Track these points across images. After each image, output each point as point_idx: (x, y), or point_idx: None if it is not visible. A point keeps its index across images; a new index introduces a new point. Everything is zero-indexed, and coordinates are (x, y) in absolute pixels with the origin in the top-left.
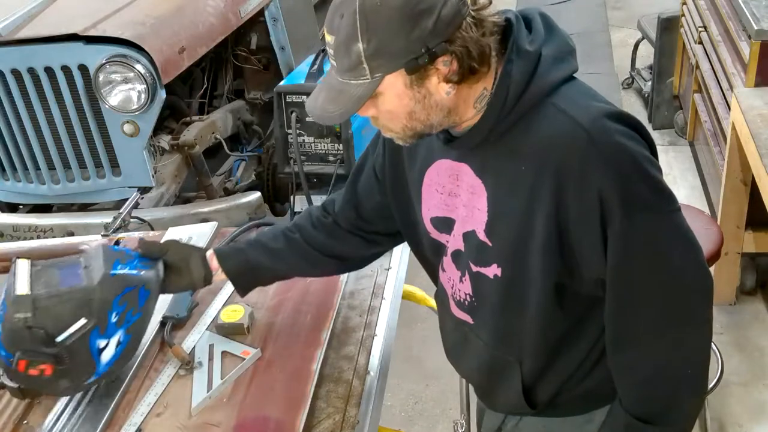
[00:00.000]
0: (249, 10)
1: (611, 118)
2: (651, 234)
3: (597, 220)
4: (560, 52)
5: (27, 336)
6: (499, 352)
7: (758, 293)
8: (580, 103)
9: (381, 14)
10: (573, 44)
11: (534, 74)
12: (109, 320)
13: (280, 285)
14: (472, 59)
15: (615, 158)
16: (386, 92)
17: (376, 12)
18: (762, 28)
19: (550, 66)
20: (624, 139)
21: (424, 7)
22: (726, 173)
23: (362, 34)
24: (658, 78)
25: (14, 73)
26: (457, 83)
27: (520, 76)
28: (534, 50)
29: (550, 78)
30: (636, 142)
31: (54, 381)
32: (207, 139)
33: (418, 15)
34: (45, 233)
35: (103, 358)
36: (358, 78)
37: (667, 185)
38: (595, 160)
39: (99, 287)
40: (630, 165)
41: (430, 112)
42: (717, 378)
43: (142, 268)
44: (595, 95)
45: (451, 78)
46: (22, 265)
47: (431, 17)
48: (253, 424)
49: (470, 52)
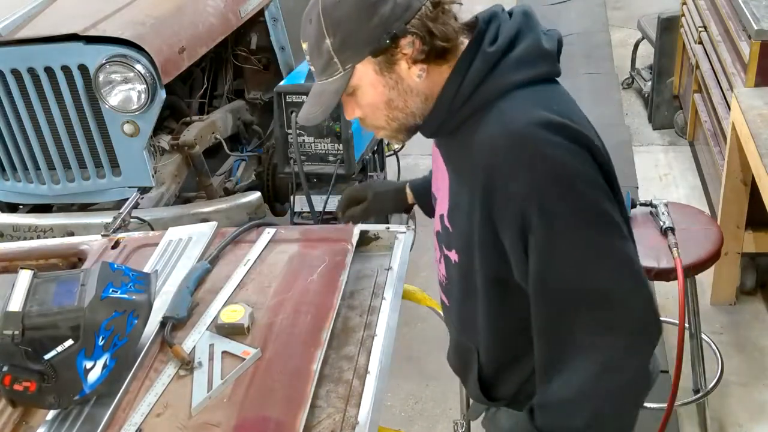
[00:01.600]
0: (249, 10)
1: (548, 128)
2: (569, 251)
3: (519, 226)
4: (528, 55)
5: (14, 352)
6: (462, 338)
7: (758, 293)
8: (523, 109)
9: (341, 8)
10: (550, 47)
11: (489, 74)
12: (96, 343)
13: (280, 285)
14: (435, 38)
15: (538, 168)
16: (361, 84)
17: (336, 7)
18: (762, 28)
19: (511, 69)
20: (555, 150)
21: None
22: (726, 173)
23: (327, 30)
24: (658, 78)
25: (14, 73)
26: (424, 63)
27: (474, 74)
28: (494, 51)
29: (505, 80)
30: (572, 156)
31: (39, 397)
32: (207, 139)
33: (375, 3)
34: (45, 233)
35: (90, 378)
36: (333, 74)
37: (603, 206)
38: (518, 168)
39: (87, 310)
40: (552, 177)
41: (407, 99)
42: (717, 378)
43: (134, 291)
44: (548, 104)
45: (417, 57)
46: (23, 278)
47: (388, 3)
48: (253, 424)
49: (432, 31)
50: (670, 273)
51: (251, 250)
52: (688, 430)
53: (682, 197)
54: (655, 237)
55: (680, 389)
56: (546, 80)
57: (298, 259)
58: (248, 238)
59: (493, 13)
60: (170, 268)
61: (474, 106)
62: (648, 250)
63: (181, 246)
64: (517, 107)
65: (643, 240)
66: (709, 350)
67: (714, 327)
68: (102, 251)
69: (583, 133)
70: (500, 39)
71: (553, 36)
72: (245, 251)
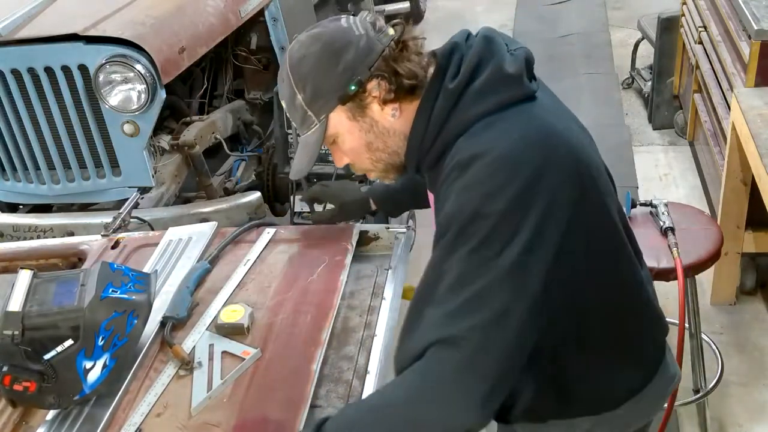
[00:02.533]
0: (249, 10)
1: (482, 158)
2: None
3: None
4: (489, 84)
5: (14, 352)
6: None
7: (758, 293)
8: (473, 142)
9: (307, 63)
10: (514, 70)
11: (453, 110)
12: (96, 343)
13: (280, 285)
14: (401, 77)
15: (464, 196)
16: (339, 131)
17: (302, 63)
18: (762, 28)
19: (472, 101)
20: (484, 180)
21: (342, 44)
22: (726, 173)
23: (297, 86)
24: (658, 78)
25: (14, 73)
26: (395, 101)
27: (438, 112)
28: (455, 86)
29: (467, 115)
30: (494, 195)
31: (39, 397)
32: (207, 139)
33: (337, 52)
34: (45, 233)
35: (90, 378)
36: (311, 127)
37: (513, 240)
38: (454, 193)
39: (87, 310)
40: (465, 208)
41: (386, 139)
42: (717, 378)
43: (134, 291)
44: (507, 131)
45: (386, 98)
46: (23, 278)
47: (350, 51)
48: (253, 424)
49: (397, 71)
50: (670, 273)
51: (251, 250)
52: (688, 430)
53: (682, 197)
54: (655, 237)
55: (680, 389)
56: (516, 102)
57: (298, 259)
58: (248, 238)
59: (454, 44)
60: (170, 268)
61: (444, 141)
62: (648, 250)
63: (181, 246)
64: (469, 142)
65: (643, 240)
66: (709, 350)
67: (714, 327)
68: (102, 251)
69: (526, 160)
70: (461, 72)
71: (519, 56)
72: (245, 251)
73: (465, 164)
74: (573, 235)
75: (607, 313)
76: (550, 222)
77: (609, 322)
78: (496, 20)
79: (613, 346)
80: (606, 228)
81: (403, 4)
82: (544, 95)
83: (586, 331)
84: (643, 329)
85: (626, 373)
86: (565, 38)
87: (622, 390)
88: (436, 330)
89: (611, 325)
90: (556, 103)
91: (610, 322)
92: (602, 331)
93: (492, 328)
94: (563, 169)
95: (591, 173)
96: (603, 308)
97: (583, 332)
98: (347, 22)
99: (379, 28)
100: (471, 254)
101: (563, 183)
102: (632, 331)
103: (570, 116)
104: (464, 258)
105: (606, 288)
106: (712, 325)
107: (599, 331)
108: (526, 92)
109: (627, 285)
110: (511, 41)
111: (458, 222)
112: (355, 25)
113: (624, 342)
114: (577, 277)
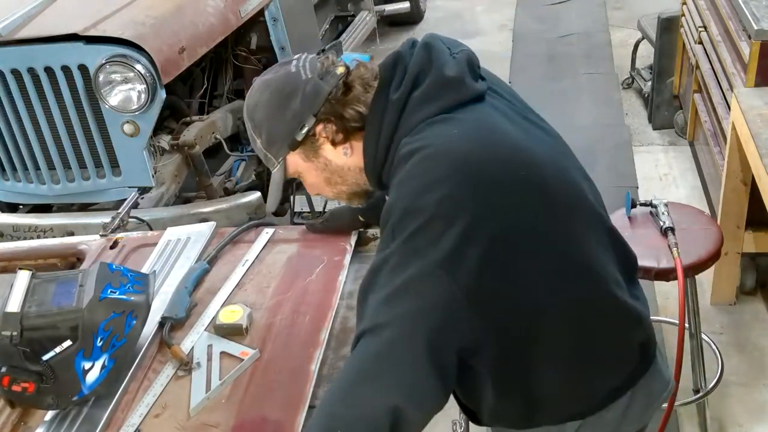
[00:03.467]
0: (249, 10)
1: (411, 156)
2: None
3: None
4: (429, 90)
5: (12, 353)
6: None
7: (758, 293)
8: (411, 142)
9: (259, 111)
10: (455, 73)
11: (399, 120)
12: (95, 344)
13: (279, 285)
14: (346, 120)
15: (394, 195)
16: (298, 170)
17: (255, 111)
18: (762, 28)
19: (415, 109)
20: (409, 181)
21: (289, 91)
22: (726, 173)
23: (254, 132)
24: (658, 78)
25: (14, 73)
26: (344, 142)
27: (387, 126)
28: (399, 97)
29: (410, 123)
30: (427, 189)
31: (37, 398)
32: (207, 139)
33: (285, 99)
34: (45, 233)
35: (88, 379)
36: (273, 167)
37: (446, 232)
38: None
39: (86, 311)
40: (400, 206)
41: (344, 175)
42: (717, 378)
43: (133, 292)
44: (442, 134)
45: (336, 139)
46: (22, 278)
47: (296, 98)
48: (252, 425)
49: (342, 115)
50: (670, 273)
51: (250, 251)
52: (688, 430)
53: (682, 197)
54: (655, 237)
55: (680, 389)
56: (461, 104)
57: (296, 260)
58: (247, 238)
59: (398, 55)
60: (169, 268)
61: (395, 149)
62: (648, 250)
63: (180, 246)
64: (410, 140)
65: (643, 240)
66: (709, 350)
67: (714, 327)
68: (100, 251)
69: (462, 155)
70: (404, 83)
71: (461, 59)
72: (244, 251)
73: (403, 159)
74: (512, 231)
75: (567, 317)
76: (484, 216)
77: (570, 325)
78: (496, 20)
79: (580, 349)
80: (555, 228)
81: (403, 4)
82: (497, 97)
83: (546, 335)
84: (616, 330)
85: (602, 375)
86: (565, 38)
87: (599, 394)
88: (369, 318)
89: (573, 328)
90: (515, 105)
91: (571, 325)
92: (564, 334)
93: (418, 316)
94: (502, 165)
95: (538, 173)
96: (561, 311)
97: (541, 335)
98: (296, 66)
99: (327, 70)
100: (405, 244)
101: (501, 180)
102: (602, 333)
103: (533, 120)
104: (399, 247)
105: (562, 291)
106: (712, 325)
107: (561, 334)
108: (470, 93)
109: (590, 286)
110: (454, 44)
111: (396, 213)
112: (304, 69)
113: (593, 344)
114: (525, 278)
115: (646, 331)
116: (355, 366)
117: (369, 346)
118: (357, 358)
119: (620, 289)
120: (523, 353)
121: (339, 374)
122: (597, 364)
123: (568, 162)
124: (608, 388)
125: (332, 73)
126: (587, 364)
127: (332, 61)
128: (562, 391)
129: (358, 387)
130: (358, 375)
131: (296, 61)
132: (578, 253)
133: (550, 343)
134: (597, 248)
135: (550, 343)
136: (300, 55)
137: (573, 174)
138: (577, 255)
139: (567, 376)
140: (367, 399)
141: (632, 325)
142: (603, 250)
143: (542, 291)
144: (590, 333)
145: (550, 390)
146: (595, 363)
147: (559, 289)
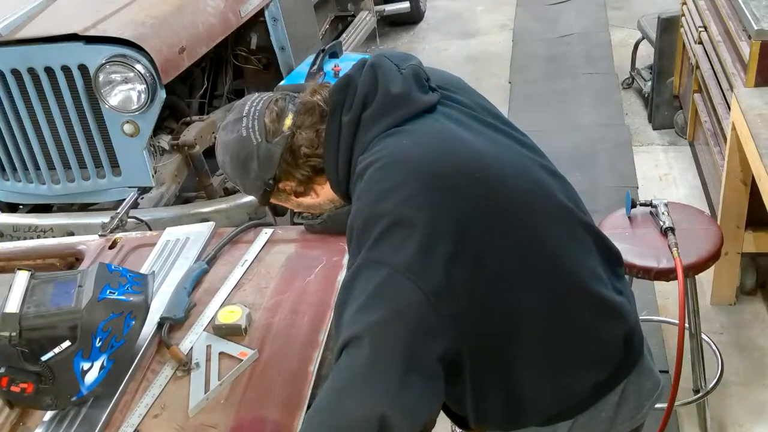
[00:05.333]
0: (249, 10)
1: (365, 171)
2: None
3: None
4: (377, 109)
5: (11, 353)
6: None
7: (758, 293)
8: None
9: (227, 168)
10: (401, 89)
11: (354, 140)
12: (93, 345)
13: (278, 286)
14: (302, 175)
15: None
16: (282, 205)
17: (224, 167)
18: (762, 28)
19: (366, 128)
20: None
21: (245, 156)
22: (726, 173)
23: (232, 181)
24: (658, 78)
25: (14, 73)
26: (307, 193)
27: (343, 148)
28: (351, 118)
29: (363, 142)
30: (384, 197)
31: (36, 398)
32: (207, 139)
33: (244, 163)
34: (45, 233)
35: (87, 379)
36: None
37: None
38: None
39: (84, 312)
40: (358, 215)
41: (320, 206)
42: (717, 378)
43: (132, 293)
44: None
45: (298, 191)
46: (21, 279)
47: (253, 161)
48: (251, 426)
49: (295, 175)
50: (670, 273)
51: (249, 251)
52: (688, 430)
53: (682, 197)
54: (655, 237)
55: (680, 389)
56: (412, 117)
57: (295, 260)
58: (246, 238)
59: (348, 77)
60: (168, 268)
61: (355, 164)
62: (648, 250)
63: (179, 246)
64: (366, 156)
65: (643, 240)
66: (709, 350)
67: (714, 327)
68: (99, 251)
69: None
70: (354, 105)
71: (407, 74)
72: (243, 252)
73: (360, 175)
74: (472, 231)
75: (538, 313)
76: (443, 218)
77: (543, 321)
78: (496, 20)
79: (556, 345)
80: (515, 225)
81: (403, 4)
82: (451, 105)
83: (519, 333)
84: (594, 325)
85: (583, 371)
86: (565, 38)
87: (583, 392)
88: (347, 329)
89: (547, 324)
90: (473, 111)
91: (544, 321)
92: (538, 331)
93: (392, 321)
94: (455, 168)
95: (493, 173)
96: (532, 308)
97: (515, 334)
98: (246, 127)
99: (273, 131)
100: (370, 252)
101: (455, 182)
102: (578, 328)
103: (492, 123)
104: (365, 257)
105: (530, 287)
106: (712, 325)
107: (534, 331)
108: (418, 106)
109: (558, 281)
110: (402, 59)
111: (357, 225)
112: (252, 131)
113: (570, 340)
114: (491, 276)
115: (629, 325)
116: (340, 376)
117: (350, 356)
118: (340, 369)
119: (600, 283)
120: (498, 352)
121: (324, 387)
122: (576, 359)
123: (531, 161)
124: (592, 384)
125: (280, 133)
126: (566, 360)
127: (280, 108)
128: (543, 390)
129: (343, 397)
130: (342, 385)
131: (246, 119)
132: (543, 248)
133: (525, 341)
134: (569, 243)
135: (524, 341)
136: (250, 108)
137: (535, 172)
138: (542, 251)
139: (546, 374)
140: (353, 408)
141: (612, 319)
142: (576, 244)
143: (510, 289)
144: (565, 329)
145: (531, 389)
146: (575, 358)
147: (527, 286)
